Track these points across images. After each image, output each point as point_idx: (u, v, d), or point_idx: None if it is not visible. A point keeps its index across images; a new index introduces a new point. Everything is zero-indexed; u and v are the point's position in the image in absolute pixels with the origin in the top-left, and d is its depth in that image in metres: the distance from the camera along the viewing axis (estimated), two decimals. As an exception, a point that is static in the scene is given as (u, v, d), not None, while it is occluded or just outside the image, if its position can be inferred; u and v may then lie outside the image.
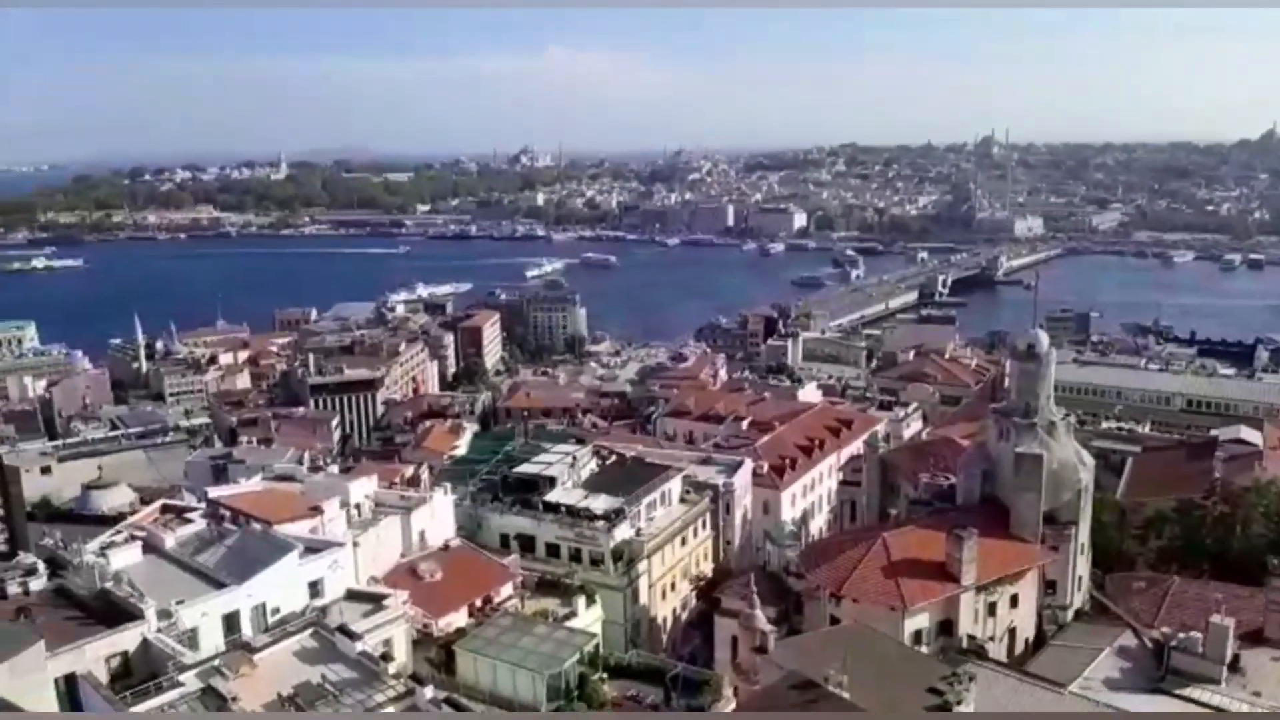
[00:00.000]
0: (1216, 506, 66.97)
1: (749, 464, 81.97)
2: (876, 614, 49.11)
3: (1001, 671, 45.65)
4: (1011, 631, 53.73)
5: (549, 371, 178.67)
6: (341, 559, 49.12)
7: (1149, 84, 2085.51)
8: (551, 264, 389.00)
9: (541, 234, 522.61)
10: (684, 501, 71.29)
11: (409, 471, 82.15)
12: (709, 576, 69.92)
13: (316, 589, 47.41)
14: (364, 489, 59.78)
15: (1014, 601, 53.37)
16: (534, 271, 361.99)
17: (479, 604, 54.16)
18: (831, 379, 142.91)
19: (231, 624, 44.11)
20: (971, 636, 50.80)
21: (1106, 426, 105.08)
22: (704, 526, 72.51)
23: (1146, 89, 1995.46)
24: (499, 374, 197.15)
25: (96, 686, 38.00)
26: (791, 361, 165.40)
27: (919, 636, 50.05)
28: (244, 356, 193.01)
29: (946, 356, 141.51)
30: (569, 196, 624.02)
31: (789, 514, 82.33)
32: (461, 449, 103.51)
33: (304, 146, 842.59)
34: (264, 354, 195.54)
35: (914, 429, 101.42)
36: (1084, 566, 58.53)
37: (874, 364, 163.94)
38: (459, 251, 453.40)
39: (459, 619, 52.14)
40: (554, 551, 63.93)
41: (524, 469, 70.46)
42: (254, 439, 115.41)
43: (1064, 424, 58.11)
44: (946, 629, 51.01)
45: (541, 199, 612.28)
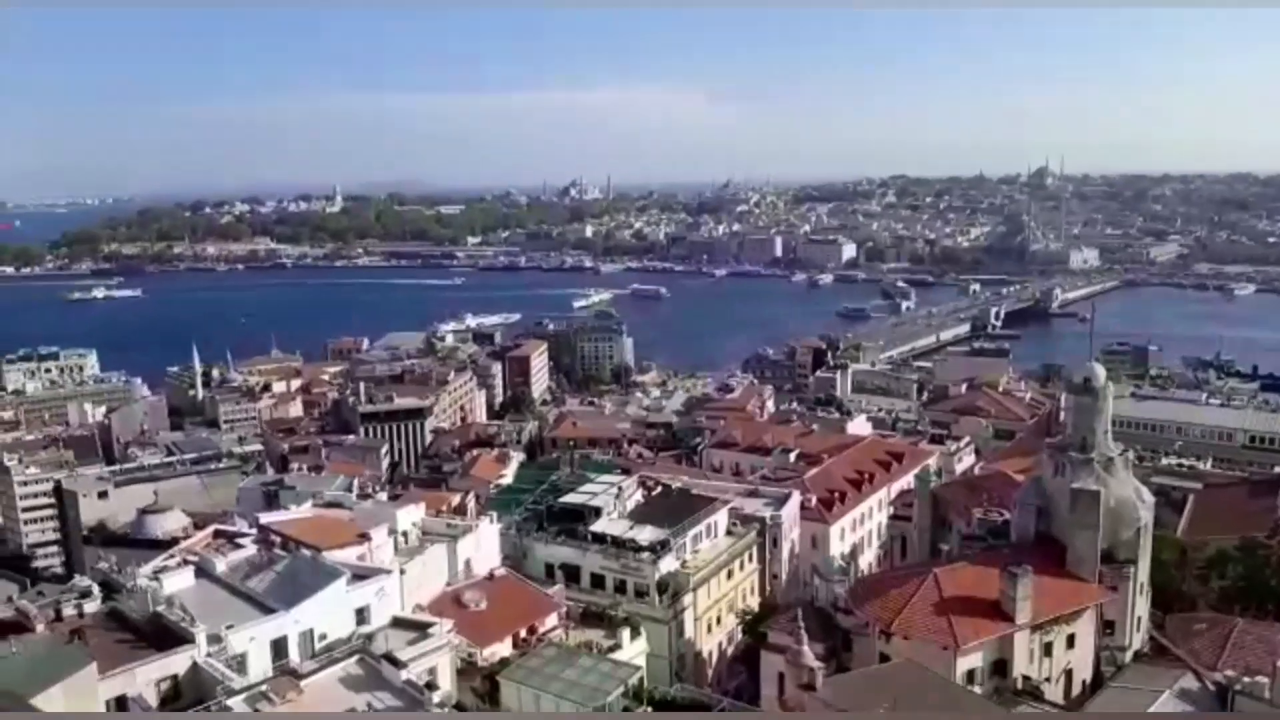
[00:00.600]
0: (1281, 546, 64.85)
1: (797, 496, 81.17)
2: (928, 652, 48.07)
3: (1058, 714, 44.38)
4: (1068, 673, 52.27)
5: (595, 401, 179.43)
6: (388, 586, 49.27)
7: (1209, 115, 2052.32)
8: (599, 294, 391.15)
9: (589, 265, 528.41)
10: (730, 534, 70.79)
11: (456, 500, 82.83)
12: (755, 611, 68.94)
13: (363, 616, 47.59)
14: (411, 516, 60.18)
15: (1070, 642, 52.00)
16: (581, 302, 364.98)
17: (523, 634, 53.99)
18: (882, 411, 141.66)
19: (279, 649, 44.33)
20: (1026, 677, 49.70)
21: (1166, 463, 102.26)
22: (751, 559, 71.84)
23: (1206, 120, 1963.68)
24: (546, 404, 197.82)
25: (146, 709, 38.45)
26: (841, 393, 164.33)
27: (972, 676, 48.93)
28: (296, 385, 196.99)
29: (1000, 390, 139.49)
30: (617, 228, 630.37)
31: (838, 548, 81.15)
32: (508, 478, 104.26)
33: (359, 180, 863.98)
34: (316, 382, 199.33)
35: (966, 463, 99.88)
36: (1143, 606, 56.91)
37: (925, 397, 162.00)
38: (509, 282, 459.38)
39: (503, 649, 52.00)
40: (599, 582, 63.64)
41: (570, 499, 70.37)
42: (304, 466, 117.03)
43: (1122, 460, 56.78)
44: (1000, 669, 49.86)
45: (590, 231, 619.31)
